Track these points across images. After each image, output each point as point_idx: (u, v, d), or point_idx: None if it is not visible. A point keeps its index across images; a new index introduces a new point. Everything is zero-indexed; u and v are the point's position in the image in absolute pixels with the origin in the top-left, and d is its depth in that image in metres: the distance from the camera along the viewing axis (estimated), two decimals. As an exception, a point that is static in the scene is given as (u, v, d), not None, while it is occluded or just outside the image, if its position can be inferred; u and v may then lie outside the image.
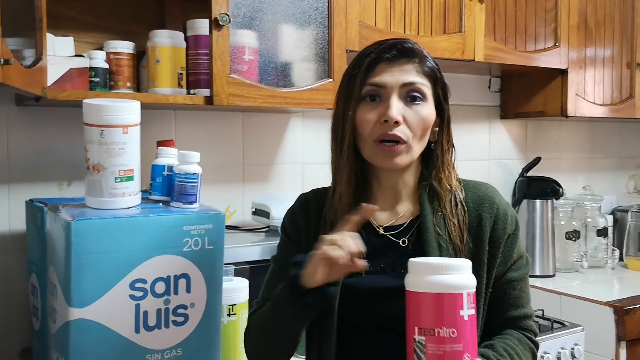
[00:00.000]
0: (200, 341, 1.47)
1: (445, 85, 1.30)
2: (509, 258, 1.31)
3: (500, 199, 1.33)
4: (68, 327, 1.31)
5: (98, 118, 1.37)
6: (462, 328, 1.01)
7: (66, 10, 1.88)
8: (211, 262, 1.46)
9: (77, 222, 1.30)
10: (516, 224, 1.33)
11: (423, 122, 1.25)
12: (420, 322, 1.03)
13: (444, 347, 1.01)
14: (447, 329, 1.01)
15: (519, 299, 1.32)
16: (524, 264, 1.34)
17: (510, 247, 1.31)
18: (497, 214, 1.30)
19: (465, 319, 1.02)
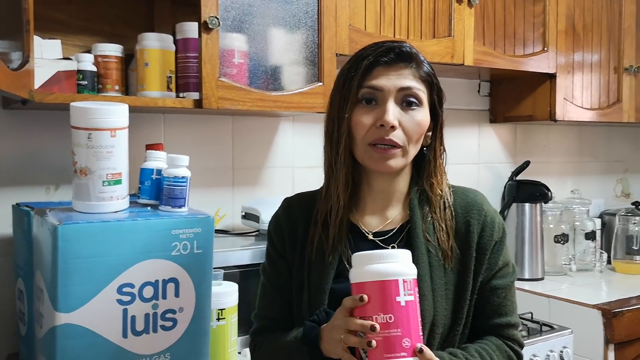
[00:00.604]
0: (189, 346, 1.46)
1: (441, 90, 1.31)
2: (494, 265, 1.30)
3: (488, 206, 1.34)
4: (55, 332, 1.30)
5: (85, 121, 1.36)
6: (399, 313, 1.04)
7: (54, 13, 1.87)
8: (200, 267, 1.45)
9: (64, 226, 1.28)
10: (503, 232, 1.33)
11: (418, 126, 1.25)
12: (361, 312, 1.06)
13: (382, 333, 1.03)
14: (384, 315, 1.04)
15: (503, 307, 1.31)
16: (509, 272, 1.33)
17: (496, 254, 1.31)
18: (484, 221, 1.30)
19: (402, 305, 1.05)
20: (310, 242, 1.31)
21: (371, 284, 1.06)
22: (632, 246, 3.02)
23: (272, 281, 1.36)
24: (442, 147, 1.33)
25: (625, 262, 3.03)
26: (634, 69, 2.90)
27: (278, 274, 1.35)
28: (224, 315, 1.65)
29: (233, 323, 1.69)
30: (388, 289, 1.05)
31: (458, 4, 2.27)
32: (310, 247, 1.30)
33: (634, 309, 2.38)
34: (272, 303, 1.36)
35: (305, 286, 1.30)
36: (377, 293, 1.05)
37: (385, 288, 1.05)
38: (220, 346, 1.65)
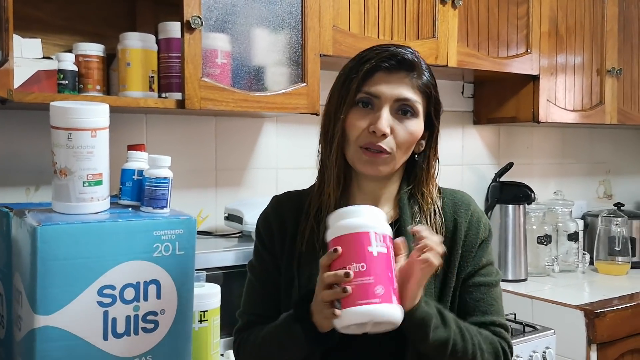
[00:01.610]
0: (170, 348, 1.44)
1: (439, 102, 1.32)
2: (477, 262, 1.32)
3: (475, 206, 1.36)
4: (33, 335, 1.28)
5: (65, 121, 1.34)
6: (371, 263, 1.06)
7: (34, 12, 1.85)
8: (182, 268, 1.44)
9: (43, 227, 1.27)
10: (489, 232, 1.36)
11: (410, 136, 1.26)
12: (336, 265, 1.08)
13: (355, 281, 1.05)
14: (356, 264, 1.06)
15: (488, 305, 1.32)
16: (493, 271, 1.35)
17: (480, 252, 1.33)
18: (471, 219, 1.33)
19: (374, 255, 1.07)
20: (301, 235, 1.31)
21: (344, 237, 1.09)
22: (614, 247, 3.04)
23: (259, 278, 1.36)
24: (436, 156, 1.35)
25: (608, 263, 3.05)
26: (616, 71, 2.92)
27: (266, 270, 1.35)
28: (206, 317, 1.64)
29: (215, 325, 1.68)
30: (360, 239, 1.08)
31: (442, 5, 2.28)
32: (300, 240, 1.31)
33: (616, 309, 2.40)
34: (260, 299, 1.35)
35: (295, 278, 1.30)
36: (350, 244, 1.08)
37: (357, 239, 1.08)
38: (203, 348, 1.64)
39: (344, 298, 1.06)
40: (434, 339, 1.16)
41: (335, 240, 1.10)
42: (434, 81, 1.31)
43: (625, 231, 3.04)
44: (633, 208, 3.61)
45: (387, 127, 1.23)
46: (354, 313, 1.05)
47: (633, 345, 2.47)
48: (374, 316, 1.05)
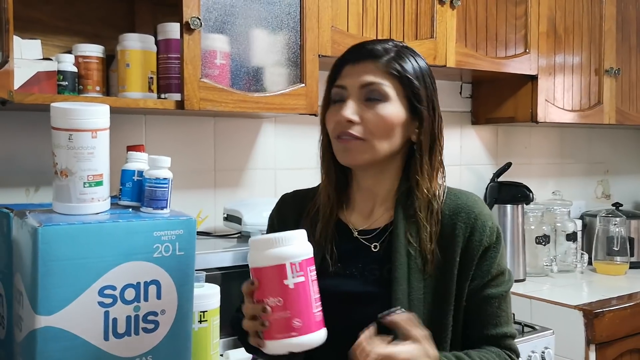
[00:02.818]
0: (171, 348, 1.44)
1: (416, 86, 1.27)
2: (486, 272, 1.26)
3: (481, 209, 1.29)
4: (34, 335, 1.28)
5: (66, 122, 1.34)
6: (288, 296, 1.08)
7: (34, 13, 1.85)
8: (182, 268, 1.44)
9: (44, 227, 1.27)
10: (497, 237, 1.28)
11: (382, 121, 1.25)
12: (258, 295, 1.11)
13: (273, 316, 1.08)
14: (273, 298, 1.08)
15: (498, 317, 1.27)
16: (505, 280, 1.29)
17: (489, 261, 1.27)
18: (474, 225, 1.26)
19: (290, 287, 1.08)
20: None
21: (263, 270, 1.10)
22: (612, 247, 3.05)
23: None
24: (430, 144, 1.29)
25: (606, 263, 3.06)
26: (614, 71, 2.93)
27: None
28: (206, 317, 1.64)
29: (215, 325, 1.68)
30: (276, 273, 1.09)
31: (440, 6, 2.28)
32: None
33: (615, 309, 2.40)
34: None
35: None
36: (267, 278, 1.09)
37: (273, 273, 1.09)
38: (202, 348, 1.64)
39: (264, 330, 1.09)
40: None
41: (254, 270, 1.11)
42: (414, 66, 1.28)
43: (623, 231, 3.05)
44: (631, 208, 3.61)
45: (351, 113, 1.24)
46: (275, 346, 1.09)
47: (632, 345, 2.47)
48: (293, 348, 1.09)
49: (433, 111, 1.29)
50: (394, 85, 1.26)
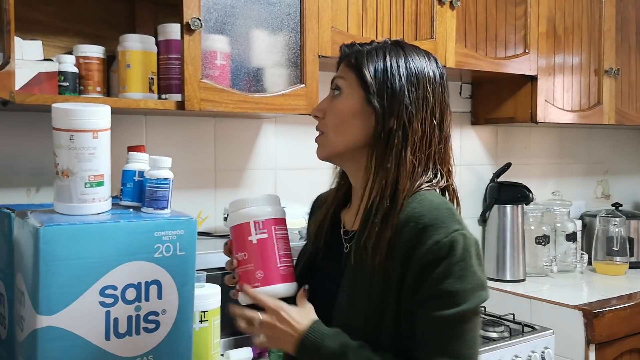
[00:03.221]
0: (171, 348, 1.45)
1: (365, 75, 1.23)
2: (427, 290, 1.13)
3: (433, 221, 1.15)
4: (36, 335, 1.29)
5: (67, 122, 1.35)
6: (251, 250, 1.23)
7: (35, 14, 1.85)
8: (183, 269, 1.45)
9: (45, 228, 1.27)
10: (449, 252, 1.12)
11: (334, 113, 1.27)
12: (233, 252, 1.26)
13: (240, 269, 1.24)
14: (240, 253, 1.24)
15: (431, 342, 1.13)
16: (455, 302, 1.12)
17: (432, 277, 1.13)
18: (419, 236, 1.14)
19: (254, 243, 1.23)
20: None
21: (233, 228, 1.26)
22: (612, 247, 3.05)
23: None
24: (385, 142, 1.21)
25: (606, 263, 3.06)
26: (614, 71, 2.93)
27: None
28: (206, 317, 1.65)
29: (216, 325, 1.69)
30: (241, 231, 1.24)
31: (440, 6, 2.28)
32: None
33: (615, 309, 2.41)
34: None
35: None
36: (236, 235, 1.25)
37: (239, 230, 1.24)
38: (203, 348, 1.65)
39: (237, 283, 1.25)
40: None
41: (230, 229, 1.27)
42: (378, 61, 1.24)
43: (623, 231, 3.05)
44: (631, 208, 3.62)
45: (317, 110, 1.30)
46: (242, 295, 1.24)
47: (631, 345, 2.48)
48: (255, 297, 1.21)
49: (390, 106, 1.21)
50: (350, 78, 1.26)
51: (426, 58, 1.28)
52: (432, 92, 1.25)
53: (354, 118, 1.25)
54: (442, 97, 1.27)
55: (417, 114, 1.22)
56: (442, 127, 1.27)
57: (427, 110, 1.24)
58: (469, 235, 1.17)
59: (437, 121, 1.25)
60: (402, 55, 1.25)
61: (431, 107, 1.24)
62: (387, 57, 1.25)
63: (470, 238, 1.17)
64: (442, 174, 1.27)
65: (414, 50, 1.28)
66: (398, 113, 1.22)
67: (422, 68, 1.25)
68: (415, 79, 1.24)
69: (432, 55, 1.31)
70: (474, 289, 1.13)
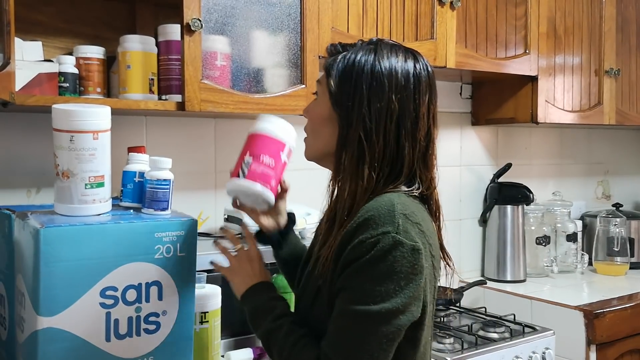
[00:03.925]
0: (172, 349, 1.45)
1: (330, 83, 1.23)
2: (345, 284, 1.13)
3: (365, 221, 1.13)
4: (36, 336, 1.28)
5: (67, 123, 1.35)
6: (278, 163, 1.39)
7: (35, 15, 1.85)
8: (183, 270, 1.44)
9: (46, 229, 1.27)
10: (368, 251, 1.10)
11: (310, 117, 1.31)
12: (253, 150, 1.38)
13: (260, 167, 1.37)
14: (269, 157, 1.37)
15: (334, 334, 1.13)
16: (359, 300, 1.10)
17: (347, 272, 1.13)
18: (353, 233, 1.14)
19: (282, 160, 1.40)
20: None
21: (269, 137, 1.39)
22: (613, 247, 3.05)
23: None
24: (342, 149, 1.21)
25: (606, 263, 3.06)
26: (614, 71, 2.93)
27: None
28: (207, 318, 1.65)
29: (216, 326, 1.68)
30: (279, 145, 1.39)
31: (440, 7, 2.28)
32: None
33: (615, 309, 2.41)
34: None
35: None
36: (271, 144, 1.38)
37: (278, 144, 1.39)
38: (204, 349, 1.65)
39: (248, 172, 1.37)
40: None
41: (263, 136, 1.38)
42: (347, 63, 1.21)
43: (623, 232, 3.05)
44: (631, 208, 3.62)
45: (304, 111, 1.34)
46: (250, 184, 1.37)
47: (632, 345, 2.48)
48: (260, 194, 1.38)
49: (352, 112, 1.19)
50: (323, 82, 1.26)
51: (404, 60, 1.22)
52: (398, 101, 1.18)
53: (324, 124, 1.25)
54: (415, 104, 1.20)
55: (378, 126, 1.18)
56: (416, 136, 1.20)
57: (391, 121, 1.18)
58: (402, 239, 1.10)
59: (408, 131, 1.19)
60: (372, 60, 1.20)
61: (397, 117, 1.18)
62: (355, 63, 1.21)
63: (402, 241, 1.10)
64: (421, 182, 1.22)
65: (390, 52, 1.22)
66: (356, 125, 1.18)
67: (391, 74, 1.19)
68: (380, 88, 1.19)
69: (415, 55, 1.25)
70: (390, 292, 1.09)
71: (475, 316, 2.42)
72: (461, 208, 2.89)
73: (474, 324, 2.28)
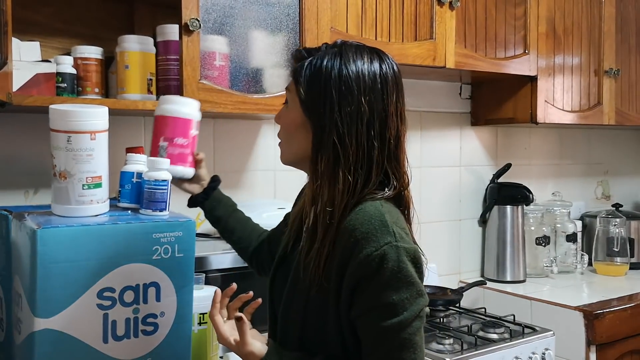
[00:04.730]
0: (170, 350, 1.44)
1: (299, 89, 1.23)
2: (364, 303, 1.14)
3: (365, 234, 1.14)
4: (33, 337, 1.28)
5: (65, 124, 1.34)
6: (189, 140, 1.56)
7: (33, 15, 1.85)
8: (181, 270, 1.44)
9: (43, 230, 1.27)
10: (378, 267, 1.12)
11: (282, 124, 1.32)
12: (166, 134, 1.53)
13: (176, 149, 1.54)
14: (182, 139, 1.54)
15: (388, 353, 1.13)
16: (392, 314, 1.12)
17: (368, 292, 1.14)
18: (352, 250, 1.14)
19: (192, 135, 1.57)
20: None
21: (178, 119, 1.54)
22: (612, 248, 3.05)
23: None
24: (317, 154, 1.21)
25: (606, 263, 3.06)
26: (614, 71, 2.93)
27: None
28: (205, 319, 1.64)
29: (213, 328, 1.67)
30: (188, 124, 1.56)
31: (439, 7, 2.28)
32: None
33: (615, 310, 2.40)
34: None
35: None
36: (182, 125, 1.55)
37: (186, 123, 1.56)
38: (202, 351, 1.64)
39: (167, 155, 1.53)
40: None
41: (173, 118, 1.53)
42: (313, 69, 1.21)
43: (623, 232, 3.05)
44: (631, 209, 3.61)
45: (275, 117, 1.35)
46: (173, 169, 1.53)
47: (632, 346, 2.47)
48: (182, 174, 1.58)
49: (324, 116, 1.19)
50: (292, 90, 1.26)
51: (369, 61, 1.21)
52: (367, 103, 1.19)
53: (297, 130, 1.26)
54: (384, 104, 1.20)
55: (350, 129, 1.18)
56: (385, 136, 1.21)
57: (362, 124, 1.19)
58: (403, 245, 1.13)
59: (377, 132, 1.20)
60: (338, 65, 1.20)
61: (367, 119, 1.19)
62: (322, 69, 1.20)
63: (404, 248, 1.13)
64: (394, 181, 1.23)
65: (356, 54, 1.22)
66: (329, 130, 1.19)
67: (358, 77, 1.19)
68: (349, 92, 1.19)
69: (380, 55, 1.24)
70: (410, 298, 1.12)
71: (475, 317, 2.41)
72: (461, 208, 2.89)
73: (474, 324, 2.28)
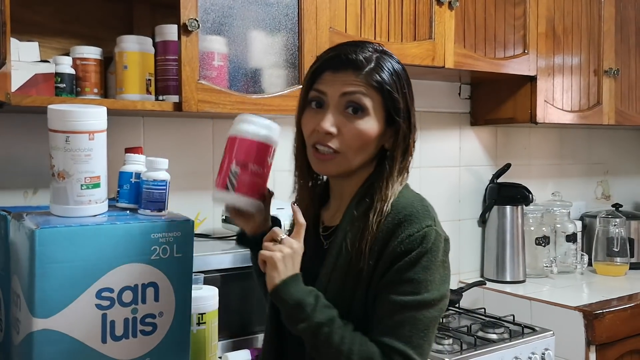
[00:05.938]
0: (169, 351, 1.44)
1: (396, 99, 1.25)
2: (393, 275, 1.19)
3: (410, 215, 1.21)
4: (32, 338, 1.28)
5: (63, 124, 1.34)
6: (265, 169, 1.33)
7: (31, 15, 1.85)
8: (180, 271, 1.44)
9: (41, 230, 1.27)
10: (421, 244, 1.18)
11: (359, 136, 1.24)
12: (239, 158, 1.30)
13: (251, 177, 1.31)
14: (257, 165, 1.31)
15: (394, 328, 1.17)
16: (413, 291, 1.17)
17: (401, 266, 1.18)
18: (395, 228, 1.21)
19: (269, 163, 1.34)
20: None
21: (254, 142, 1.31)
22: (612, 248, 3.05)
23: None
24: (405, 152, 1.28)
25: (606, 263, 3.06)
26: (613, 71, 2.93)
27: None
28: (204, 319, 1.64)
29: (213, 327, 1.68)
30: (266, 150, 1.32)
31: (439, 7, 2.28)
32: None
33: (615, 310, 2.40)
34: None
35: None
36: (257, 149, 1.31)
37: (264, 149, 1.32)
38: (201, 351, 1.64)
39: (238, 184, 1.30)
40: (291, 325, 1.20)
41: (247, 141, 1.30)
42: (393, 77, 1.25)
43: (623, 232, 3.05)
44: (631, 209, 3.61)
45: (329, 125, 1.23)
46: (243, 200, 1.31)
47: (632, 346, 2.47)
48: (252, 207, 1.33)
49: (409, 122, 1.28)
50: (374, 97, 1.24)
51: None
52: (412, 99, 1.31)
53: (376, 139, 1.27)
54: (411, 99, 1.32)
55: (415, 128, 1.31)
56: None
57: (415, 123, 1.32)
58: (441, 232, 1.23)
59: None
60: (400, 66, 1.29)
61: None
62: (393, 74, 1.26)
63: (441, 235, 1.23)
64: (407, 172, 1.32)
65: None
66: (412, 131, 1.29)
67: (407, 75, 1.30)
68: (410, 90, 1.29)
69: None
70: (435, 281, 1.19)
71: (475, 317, 2.41)
72: (460, 208, 2.88)
73: (473, 324, 2.27)
